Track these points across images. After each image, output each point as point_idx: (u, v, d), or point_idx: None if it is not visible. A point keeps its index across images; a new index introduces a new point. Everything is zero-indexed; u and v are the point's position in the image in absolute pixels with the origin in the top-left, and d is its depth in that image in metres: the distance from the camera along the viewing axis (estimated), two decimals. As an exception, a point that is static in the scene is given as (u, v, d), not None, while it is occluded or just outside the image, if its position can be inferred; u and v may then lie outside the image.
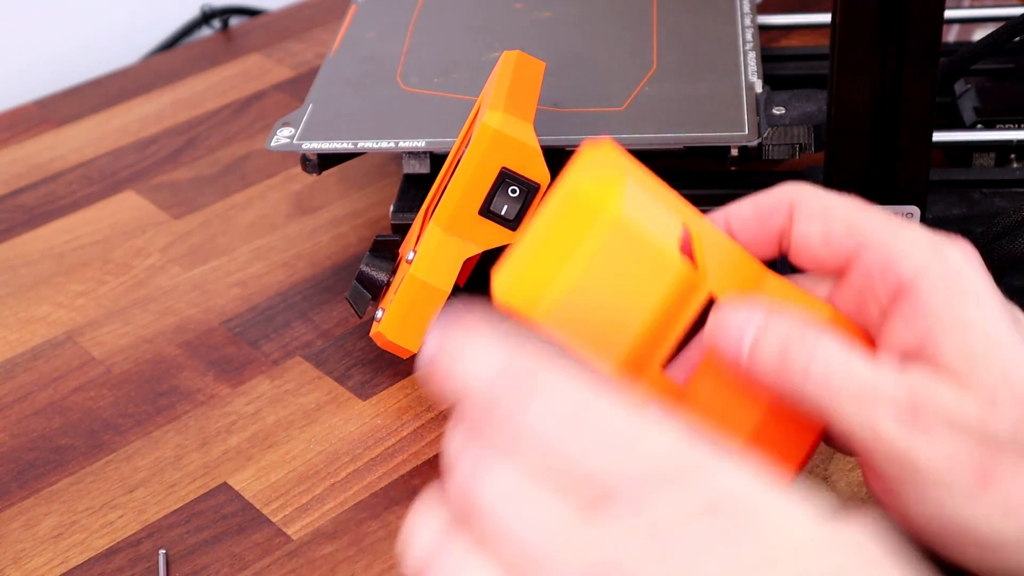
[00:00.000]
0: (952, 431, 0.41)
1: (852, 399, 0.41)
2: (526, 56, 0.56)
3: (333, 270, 0.66)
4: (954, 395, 0.41)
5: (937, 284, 0.42)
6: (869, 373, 0.41)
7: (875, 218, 0.43)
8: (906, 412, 0.41)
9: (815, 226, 0.44)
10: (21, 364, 0.62)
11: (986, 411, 0.41)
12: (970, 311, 0.41)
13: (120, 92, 0.83)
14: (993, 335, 0.41)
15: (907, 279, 0.42)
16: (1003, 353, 0.41)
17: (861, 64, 0.50)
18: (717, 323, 0.44)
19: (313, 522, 0.53)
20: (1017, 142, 0.62)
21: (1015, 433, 0.41)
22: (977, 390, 0.41)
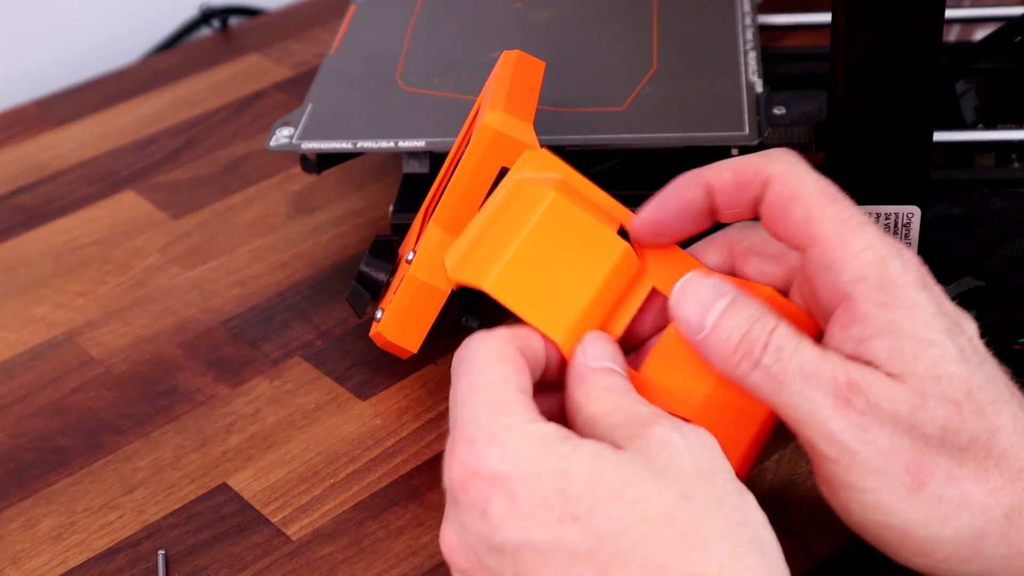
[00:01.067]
0: (885, 422, 0.42)
1: (797, 376, 0.42)
2: (526, 56, 0.56)
3: (333, 270, 0.66)
4: (887, 384, 0.42)
5: (871, 292, 0.43)
6: (814, 355, 0.43)
7: (833, 215, 0.44)
8: (844, 394, 0.42)
9: (779, 206, 0.45)
10: (20, 364, 0.62)
11: (917, 405, 0.42)
12: (901, 317, 0.42)
13: (119, 92, 0.83)
14: (924, 338, 0.42)
15: (844, 285, 0.43)
16: (933, 354, 0.42)
17: (861, 64, 0.50)
18: (681, 290, 0.46)
19: (313, 522, 0.53)
20: (1018, 142, 0.61)
21: (945, 432, 0.42)
22: (908, 384, 0.42)
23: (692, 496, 0.39)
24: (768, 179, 0.45)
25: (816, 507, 0.51)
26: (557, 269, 0.46)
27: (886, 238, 0.44)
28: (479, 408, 0.42)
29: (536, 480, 0.39)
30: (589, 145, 0.61)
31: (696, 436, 0.41)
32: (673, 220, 0.47)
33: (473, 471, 0.40)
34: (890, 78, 0.50)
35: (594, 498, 0.39)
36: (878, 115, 0.51)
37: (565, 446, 0.40)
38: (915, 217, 0.53)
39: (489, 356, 0.43)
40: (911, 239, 0.54)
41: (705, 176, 0.47)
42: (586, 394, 0.44)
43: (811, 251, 0.44)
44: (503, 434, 0.40)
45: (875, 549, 0.44)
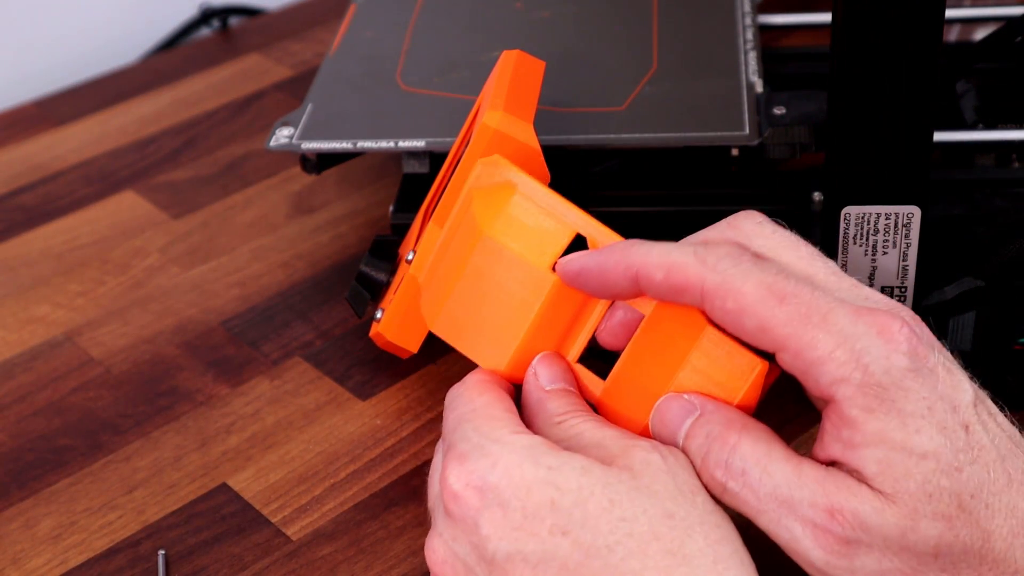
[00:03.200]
0: (873, 546, 0.40)
1: (772, 502, 0.41)
2: (526, 56, 0.56)
3: (333, 270, 0.66)
4: (875, 508, 0.40)
5: (855, 396, 0.40)
6: (786, 477, 0.41)
7: (789, 317, 0.41)
8: (824, 523, 0.40)
9: (728, 320, 0.42)
10: (20, 364, 0.62)
11: (908, 527, 0.40)
12: (890, 425, 0.40)
13: (119, 92, 0.83)
14: (914, 449, 0.40)
15: (825, 389, 0.41)
16: (924, 469, 0.40)
17: (861, 64, 0.50)
18: (657, 412, 0.45)
19: (313, 523, 0.53)
20: (1018, 142, 0.61)
21: (938, 548, 0.40)
22: (899, 505, 0.40)
23: (675, 514, 0.40)
24: (703, 294, 0.42)
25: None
26: (492, 307, 0.48)
27: (860, 317, 0.41)
28: (467, 428, 0.43)
29: (526, 491, 0.40)
30: (589, 145, 0.61)
31: (674, 457, 0.42)
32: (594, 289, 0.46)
33: (464, 482, 0.41)
34: (890, 78, 0.50)
35: (584, 513, 0.39)
36: (878, 115, 0.51)
37: (553, 457, 0.41)
38: (915, 217, 0.53)
39: (471, 392, 0.46)
40: (911, 239, 0.54)
41: (634, 267, 0.44)
42: (547, 420, 0.45)
43: (781, 357, 0.41)
44: (492, 446, 0.42)
45: None
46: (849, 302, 0.41)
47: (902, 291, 0.55)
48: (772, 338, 0.41)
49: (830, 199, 0.53)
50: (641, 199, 0.62)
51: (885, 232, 0.54)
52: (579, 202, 0.62)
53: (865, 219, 0.54)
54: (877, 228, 0.54)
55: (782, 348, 0.41)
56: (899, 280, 0.55)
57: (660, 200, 0.62)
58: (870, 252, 0.54)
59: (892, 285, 0.55)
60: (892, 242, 0.54)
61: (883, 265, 0.54)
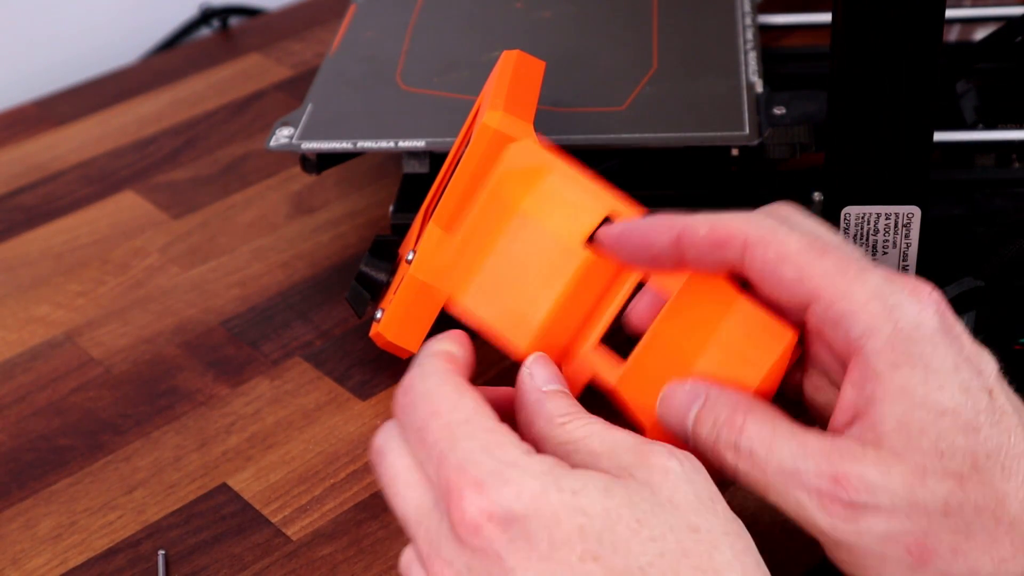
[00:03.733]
0: (880, 509, 0.40)
1: (778, 476, 0.41)
2: (526, 56, 0.56)
3: (333, 270, 0.66)
4: (879, 471, 0.40)
5: (883, 348, 0.41)
6: (791, 454, 0.41)
7: (828, 268, 0.42)
8: (829, 490, 0.40)
9: (767, 270, 0.43)
10: (20, 364, 0.62)
11: (915, 485, 0.40)
12: (914, 379, 0.40)
13: (119, 92, 0.83)
14: (933, 405, 0.40)
15: (855, 341, 0.41)
16: (942, 425, 0.40)
17: (861, 64, 0.50)
18: (663, 400, 0.45)
19: (313, 523, 0.53)
20: (1018, 142, 0.61)
21: (947, 507, 0.40)
22: (907, 463, 0.40)
23: (700, 527, 0.39)
24: (746, 244, 0.43)
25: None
26: (521, 284, 0.47)
27: (894, 279, 0.42)
28: (472, 447, 0.40)
29: (554, 519, 0.38)
30: (589, 145, 0.61)
31: (689, 461, 0.41)
32: (634, 255, 0.46)
33: (487, 514, 0.39)
34: (890, 78, 0.50)
35: (614, 537, 0.38)
36: (878, 115, 0.51)
37: (573, 480, 0.39)
38: (915, 217, 0.53)
39: (449, 391, 0.42)
40: (911, 239, 0.54)
41: (678, 227, 0.45)
42: (549, 421, 0.43)
43: (813, 308, 0.42)
44: (510, 471, 0.39)
45: None
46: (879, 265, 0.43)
47: (902, 291, 0.55)
48: (808, 288, 0.42)
49: (830, 199, 0.53)
50: (641, 199, 0.61)
51: (885, 232, 0.54)
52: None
53: (865, 219, 0.54)
54: (877, 228, 0.54)
55: (816, 298, 0.42)
56: (899, 280, 0.55)
57: (660, 200, 0.61)
58: (870, 252, 0.54)
59: (892, 285, 0.55)
60: (892, 242, 0.54)
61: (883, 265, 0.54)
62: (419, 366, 0.44)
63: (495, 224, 0.49)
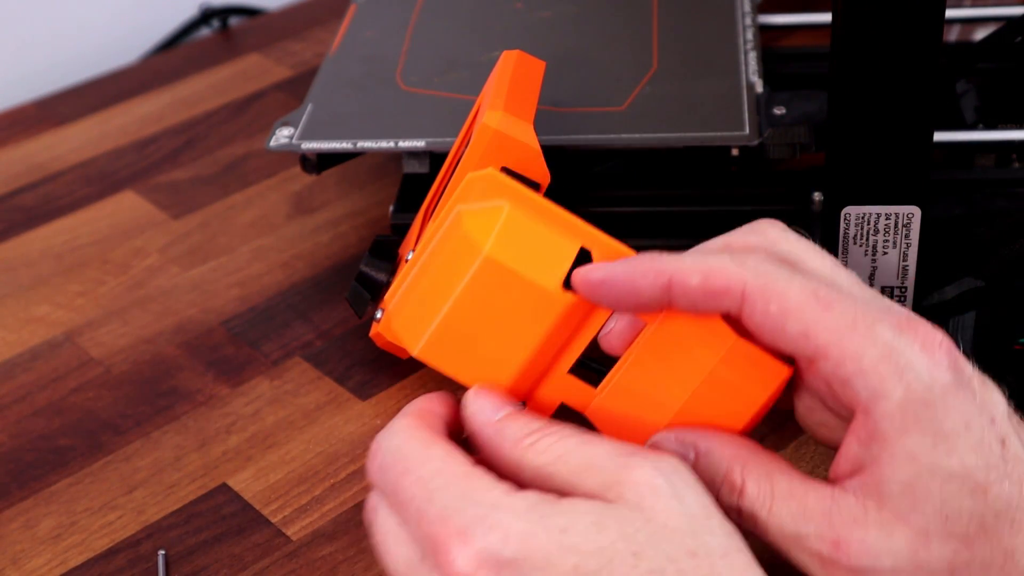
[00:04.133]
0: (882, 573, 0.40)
1: (780, 539, 0.41)
2: (526, 56, 0.56)
3: (333, 270, 0.66)
4: (881, 535, 0.39)
5: (893, 412, 0.39)
6: (791, 514, 0.40)
7: (835, 324, 0.40)
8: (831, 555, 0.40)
9: (768, 324, 0.41)
10: (20, 364, 0.62)
11: (918, 548, 0.39)
12: (923, 445, 0.39)
13: (119, 92, 0.83)
14: (941, 471, 0.39)
15: (864, 402, 0.40)
16: (947, 490, 0.39)
17: (861, 64, 0.50)
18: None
19: (313, 523, 0.53)
20: (1018, 142, 0.61)
21: (952, 567, 0.39)
22: (911, 526, 0.39)
23: (698, 552, 0.38)
24: (744, 296, 0.41)
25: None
26: (492, 330, 0.43)
27: (904, 330, 0.40)
28: (449, 496, 0.39)
29: (546, 561, 0.37)
30: (589, 145, 0.61)
31: (674, 471, 0.39)
32: (616, 302, 0.43)
33: (476, 563, 0.37)
34: (890, 78, 0.50)
35: (611, 574, 0.37)
36: (878, 115, 0.51)
37: (561, 516, 0.38)
38: (915, 217, 0.53)
39: (416, 446, 0.41)
40: (911, 239, 0.54)
41: (667, 274, 0.41)
42: (515, 446, 0.41)
43: (822, 364, 0.40)
44: (493, 515, 0.38)
45: None
46: (893, 313, 0.41)
47: (902, 291, 0.55)
48: (815, 344, 0.40)
49: (830, 199, 0.53)
50: (641, 199, 0.62)
51: (885, 232, 0.54)
52: (579, 202, 0.62)
53: (865, 219, 0.54)
54: (877, 228, 0.54)
55: (823, 356, 0.40)
56: (899, 280, 0.55)
57: (660, 200, 0.62)
58: (870, 252, 0.54)
59: (892, 285, 0.55)
60: (892, 242, 0.54)
61: (883, 265, 0.54)
62: (387, 428, 0.42)
63: (456, 267, 0.43)
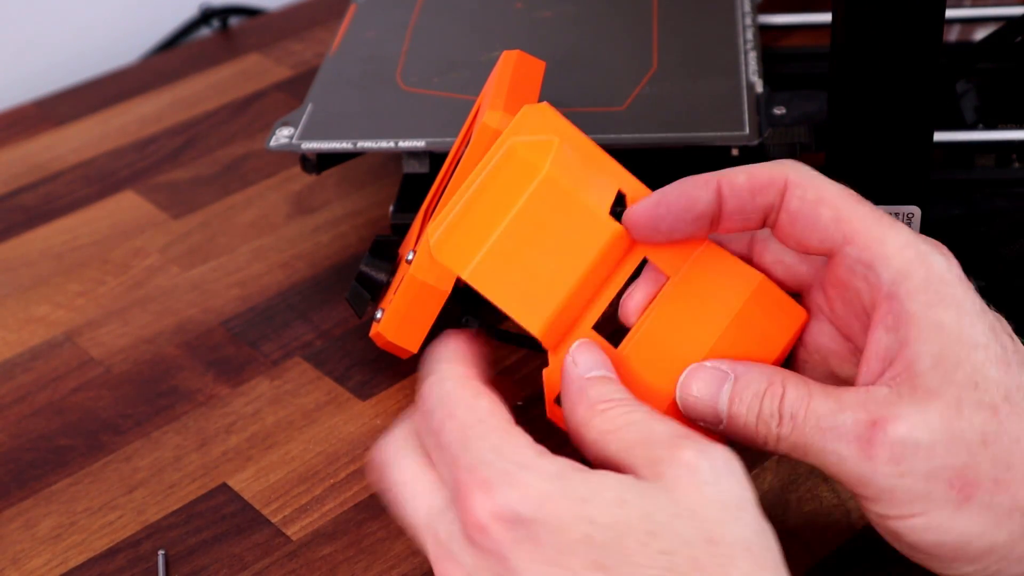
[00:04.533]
0: (919, 448, 0.41)
1: (816, 435, 0.42)
2: (526, 56, 0.56)
3: (333, 270, 0.66)
4: (916, 409, 0.41)
5: (918, 289, 0.42)
6: (828, 408, 0.42)
7: (865, 214, 0.44)
8: (867, 436, 0.41)
9: (804, 210, 0.44)
10: (20, 364, 0.62)
11: (952, 418, 0.41)
12: (948, 316, 0.42)
13: (119, 92, 0.83)
14: (967, 339, 0.41)
15: (888, 282, 0.43)
16: (976, 358, 0.41)
17: (861, 64, 0.50)
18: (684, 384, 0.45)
19: (313, 523, 0.53)
20: (1018, 142, 0.61)
21: (985, 436, 0.41)
22: (943, 398, 0.41)
23: (718, 540, 0.38)
24: (786, 185, 0.44)
25: (816, 507, 0.51)
26: (542, 254, 0.44)
27: (921, 236, 0.44)
28: (483, 447, 0.40)
29: (560, 526, 0.38)
30: (589, 145, 0.61)
31: (723, 459, 0.40)
32: (673, 219, 0.45)
33: (492, 514, 0.39)
34: (890, 78, 0.50)
35: (622, 549, 0.38)
36: (878, 115, 0.51)
37: (584, 485, 0.39)
38: (915, 217, 0.53)
39: (464, 394, 0.42)
40: (911, 239, 0.54)
41: (717, 178, 0.45)
42: (590, 408, 0.42)
43: (846, 250, 0.44)
44: (519, 473, 0.39)
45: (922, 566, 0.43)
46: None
47: (902, 291, 0.55)
48: (844, 230, 0.43)
49: (830, 199, 0.53)
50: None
51: (885, 232, 0.54)
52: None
53: (865, 219, 0.54)
54: (877, 228, 0.54)
55: (851, 240, 0.43)
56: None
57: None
58: (870, 252, 0.54)
59: (892, 285, 0.55)
60: (892, 242, 0.54)
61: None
62: (436, 372, 0.44)
63: (513, 190, 0.44)
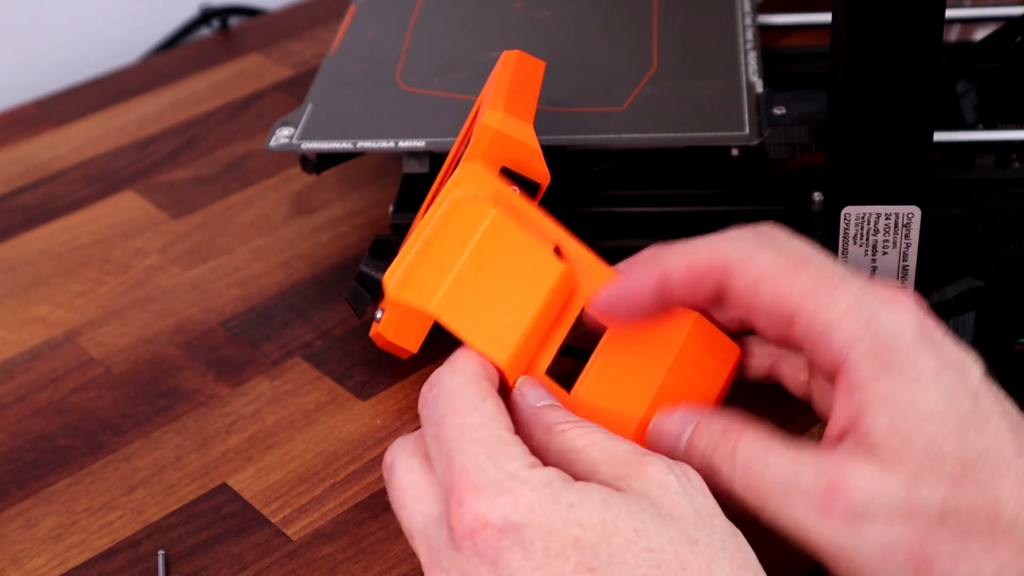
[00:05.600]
0: (878, 515, 0.40)
1: (773, 494, 0.41)
2: (526, 56, 0.56)
3: (333, 270, 0.66)
4: (876, 473, 0.40)
5: (865, 357, 0.41)
6: (786, 467, 0.42)
7: (805, 283, 0.43)
8: (825, 501, 0.40)
9: (746, 295, 0.44)
10: (20, 364, 0.62)
11: (911, 489, 0.40)
12: (897, 386, 0.41)
13: (119, 92, 0.83)
14: (919, 410, 0.40)
15: (838, 351, 0.42)
16: (930, 429, 0.40)
17: (861, 64, 0.50)
18: (654, 431, 0.46)
19: (313, 523, 0.53)
20: (1018, 142, 0.61)
21: (943, 511, 0.40)
22: (903, 466, 0.40)
23: (698, 540, 0.39)
24: (726, 269, 0.44)
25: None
26: (498, 290, 0.45)
27: (870, 289, 0.42)
28: (478, 452, 0.40)
29: (549, 531, 0.38)
30: (589, 145, 0.61)
31: (687, 476, 0.41)
32: (625, 311, 0.47)
33: (483, 521, 0.39)
34: (890, 78, 0.50)
35: (610, 548, 0.38)
36: (878, 115, 0.51)
37: (572, 493, 0.39)
38: (915, 217, 0.53)
39: (472, 394, 0.42)
40: (911, 239, 0.54)
41: (661, 265, 0.46)
42: (547, 431, 0.43)
43: (796, 324, 0.43)
44: (510, 482, 0.39)
45: None
46: (860, 276, 0.43)
47: (902, 291, 0.55)
48: (787, 305, 0.43)
49: (830, 199, 0.53)
50: (641, 199, 0.62)
51: (885, 232, 0.54)
52: (579, 202, 0.63)
53: (865, 219, 0.54)
54: (877, 228, 0.54)
55: (796, 314, 0.43)
56: (899, 280, 0.55)
57: (660, 200, 0.62)
58: (870, 252, 0.54)
59: (892, 285, 0.55)
60: (892, 242, 0.54)
61: (883, 265, 0.54)
62: (451, 363, 0.44)
63: (464, 231, 0.46)
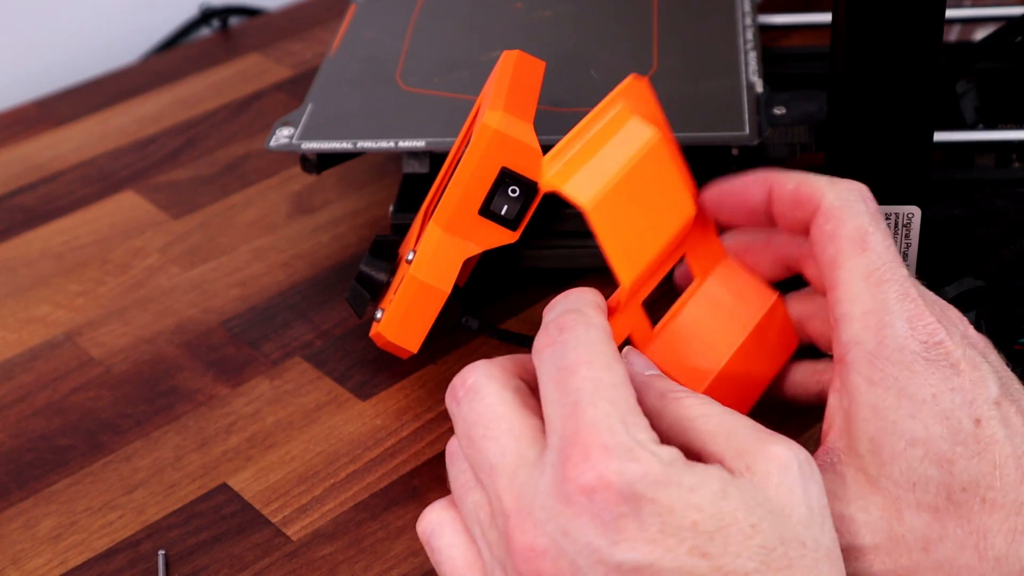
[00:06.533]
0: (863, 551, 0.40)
1: None
2: (526, 56, 0.56)
3: (333, 270, 0.66)
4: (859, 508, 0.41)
5: (864, 361, 0.41)
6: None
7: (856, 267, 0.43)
8: None
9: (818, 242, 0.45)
10: (20, 364, 0.62)
11: (892, 519, 0.40)
12: (887, 401, 0.41)
13: (119, 92, 0.83)
14: (904, 432, 0.40)
15: (843, 344, 0.42)
16: (910, 455, 0.40)
17: (861, 64, 0.50)
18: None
19: (313, 523, 0.53)
20: (1018, 142, 0.61)
21: (926, 542, 0.40)
22: (883, 494, 0.40)
23: (807, 543, 0.38)
24: (818, 209, 0.45)
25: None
26: (640, 211, 0.46)
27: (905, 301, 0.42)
28: (611, 413, 0.39)
29: (668, 510, 0.37)
30: (589, 145, 0.61)
31: (809, 461, 0.39)
32: (736, 202, 0.49)
33: (606, 481, 0.37)
34: (890, 78, 0.50)
35: (725, 539, 0.37)
36: (878, 115, 0.51)
37: (692, 476, 0.38)
38: (915, 217, 0.53)
39: (609, 351, 0.40)
40: (911, 239, 0.54)
41: (771, 180, 0.47)
42: (661, 397, 0.42)
43: (828, 296, 0.44)
44: (640, 451, 0.38)
45: None
46: (910, 285, 0.43)
47: (902, 291, 0.55)
48: (833, 276, 0.44)
49: (830, 199, 0.53)
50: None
51: (885, 232, 0.54)
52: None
53: (865, 219, 0.54)
54: (877, 228, 0.54)
55: (833, 287, 0.44)
56: (899, 280, 0.55)
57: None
58: (870, 252, 0.54)
59: (892, 285, 0.55)
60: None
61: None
62: (581, 312, 0.42)
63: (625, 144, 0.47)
